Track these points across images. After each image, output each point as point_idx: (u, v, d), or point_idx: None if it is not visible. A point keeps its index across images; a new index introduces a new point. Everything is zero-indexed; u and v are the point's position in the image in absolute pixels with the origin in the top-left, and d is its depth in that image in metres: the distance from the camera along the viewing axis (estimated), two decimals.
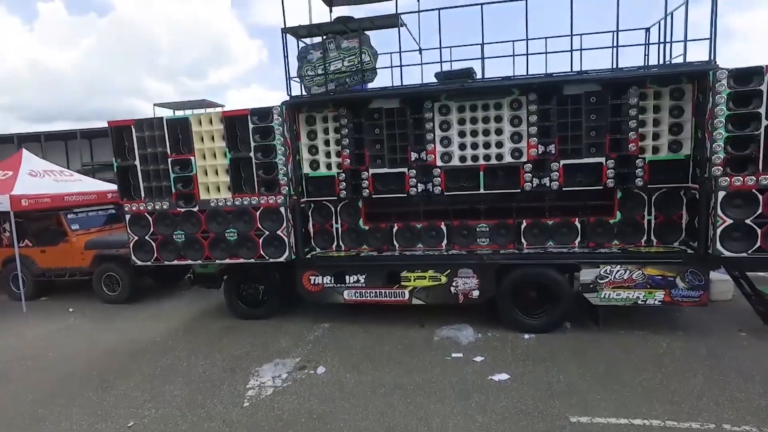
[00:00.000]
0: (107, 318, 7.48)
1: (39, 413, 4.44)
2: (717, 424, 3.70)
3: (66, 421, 4.27)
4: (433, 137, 6.12)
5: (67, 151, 72.14)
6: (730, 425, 3.68)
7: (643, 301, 5.56)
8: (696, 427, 3.68)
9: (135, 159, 6.31)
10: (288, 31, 6.23)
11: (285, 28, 6.20)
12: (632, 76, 5.59)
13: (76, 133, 65.72)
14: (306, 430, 3.93)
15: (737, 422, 3.72)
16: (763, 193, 4.81)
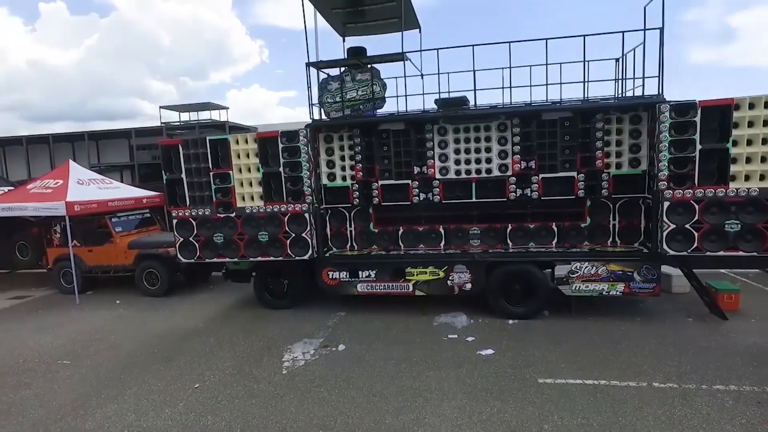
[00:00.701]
0: (151, 308, 8.64)
1: (121, 378, 5.61)
2: (648, 383, 4.84)
3: (145, 384, 5.43)
4: (432, 154, 7.27)
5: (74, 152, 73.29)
6: (658, 383, 4.82)
7: (607, 292, 6.70)
8: (633, 385, 4.83)
9: (181, 172, 7.47)
10: (311, 64, 7.38)
11: (309, 62, 7.35)
12: (598, 106, 6.74)
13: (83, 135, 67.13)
14: (335, 388, 5.07)
15: (664, 381, 4.86)
16: (698, 203, 5.94)
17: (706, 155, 5.91)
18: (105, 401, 5.04)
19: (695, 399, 4.50)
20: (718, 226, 5.92)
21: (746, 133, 5.72)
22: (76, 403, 5.02)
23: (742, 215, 5.83)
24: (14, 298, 9.85)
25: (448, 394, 4.83)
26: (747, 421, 4.09)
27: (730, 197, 5.84)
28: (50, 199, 9.19)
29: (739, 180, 5.80)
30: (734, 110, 5.74)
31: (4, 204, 9.31)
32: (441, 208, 7.46)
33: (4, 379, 5.75)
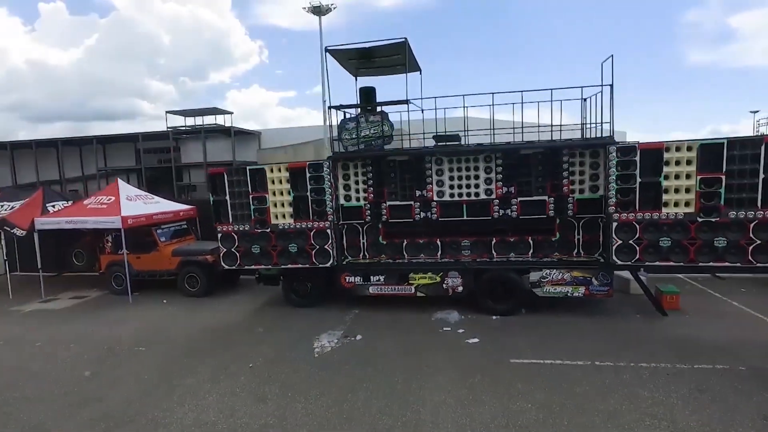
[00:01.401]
0: (194, 307, 10.27)
1: (190, 360, 7.24)
2: (591, 362, 6.47)
3: (211, 364, 7.05)
4: (431, 181, 8.92)
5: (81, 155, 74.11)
6: (599, 362, 6.45)
7: (571, 294, 8.34)
8: (580, 364, 6.45)
9: (226, 195, 9.10)
10: (333, 107, 9.04)
11: (331, 106, 9.00)
12: (564, 145, 8.39)
13: (92, 139, 68.43)
14: (357, 366, 6.70)
15: (603, 361, 6.49)
16: (639, 224, 7.58)
17: (645, 186, 7.55)
18: (183, 375, 6.67)
19: (623, 373, 6.13)
20: (654, 242, 7.56)
21: (673, 170, 7.36)
22: (163, 377, 6.65)
23: (672, 234, 7.47)
24: (73, 297, 11.47)
25: (442, 370, 6.47)
26: (654, 387, 5.72)
27: (662, 219, 7.48)
28: (106, 214, 10.83)
29: (670, 206, 7.45)
30: (665, 152, 7.39)
31: (67, 218, 10.96)
32: (438, 225, 9.10)
33: (98, 362, 7.37)
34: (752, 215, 7.08)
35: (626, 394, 5.55)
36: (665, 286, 8.92)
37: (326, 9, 31.76)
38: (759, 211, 7.05)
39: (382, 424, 5.14)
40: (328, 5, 31.63)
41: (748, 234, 7.13)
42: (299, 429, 5.15)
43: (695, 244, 7.39)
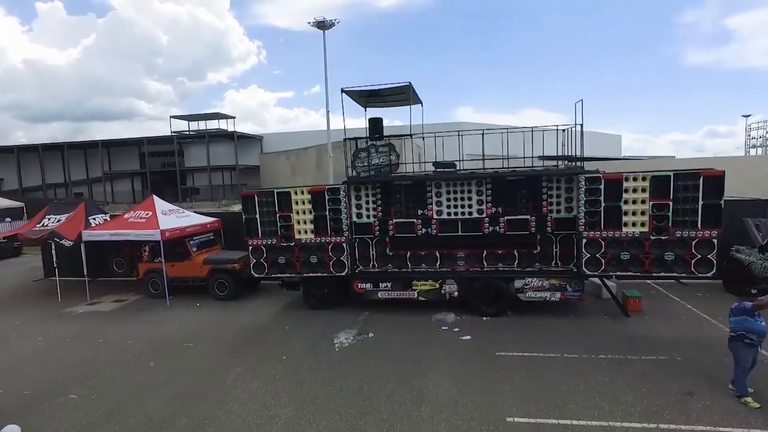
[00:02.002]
0: (224, 309, 11.81)
1: (233, 354, 8.78)
2: (561, 354, 8.03)
3: (250, 357, 8.57)
4: (431, 201, 10.47)
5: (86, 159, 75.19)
6: (567, 354, 8.01)
7: (549, 298, 9.90)
8: (551, 355, 8.01)
9: (256, 214, 10.64)
10: (349, 138, 10.59)
11: (346, 138, 10.55)
12: (543, 173, 9.97)
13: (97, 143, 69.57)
14: (371, 358, 8.24)
15: (570, 353, 8.05)
16: (604, 240, 9.15)
17: (608, 209, 9.12)
18: (230, 366, 8.21)
19: (584, 362, 7.70)
20: (617, 256, 9.13)
21: (631, 196, 8.94)
22: (213, 368, 8.19)
23: (630, 249, 9.04)
24: (116, 301, 12.99)
25: (441, 361, 8.02)
26: (606, 372, 7.28)
27: (623, 237, 9.05)
28: (146, 227, 12.36)
29: (628, 226, 9.02)
30: (624, 181, 8.96)
31: (112, 230, 12.50)
32: (437, 239, 10.65)
33: (156, 354, 8.90)
34: (694, 234, 8.66)
35: (584, 378, 7.12)
36: (630, 291, 10.50)
37: (330, 24, 33.27)
38: (699, 231, 8.62)
39: (396, 400, 6.70)
40: (332, 21, 33.15)
41: (691, 250, 8.70)
42: (331, 404, 6.70)
43: (649, 258, 8.96)
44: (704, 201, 8.57)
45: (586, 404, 6.37)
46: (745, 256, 10.80)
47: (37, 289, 15.10)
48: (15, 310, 12.48)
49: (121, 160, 72.30)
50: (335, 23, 33.17)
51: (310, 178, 57.03)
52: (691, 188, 8.63)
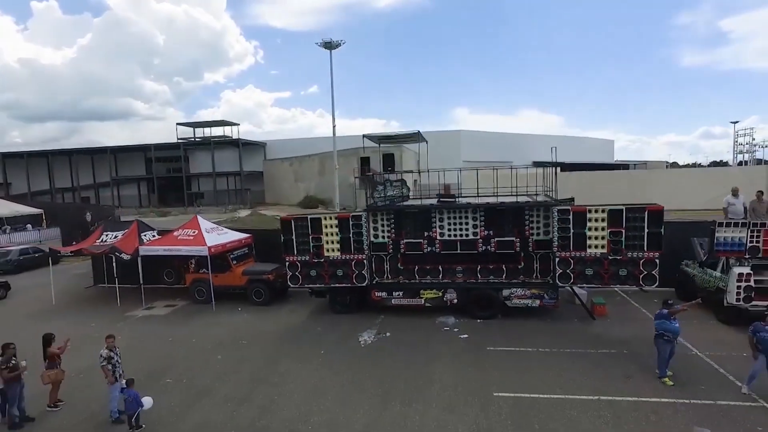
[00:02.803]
0: (262, 313, 14.14)
1: (282, 349, 11.13)
2: (537, 349, 10.43)
3: (294, 352, 10.92)
4: (435, 225, 12.85)
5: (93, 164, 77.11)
6: (542, 349, 10.41)
7: (530, 305, 12.31)
8: (530, 350, 10.40)
9: (292, 235, 12.98)
10: (368, 176, 12.97)
11: (368, 174, 12.93)
12: (525, 205, 12.39)
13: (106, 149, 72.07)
14: (391, 353, 10.60)
15: (545, 348, 10.45)
16: (572, 259, 11.55)
17: (576, 235, 11.53)
18: (280, 359, 10.55)
19: (554, 355, 10.09)
20: (582, 271, 11.54)
21: (593, 225, 11.35)
22: (267, 360, 10.53)
23: (593, 266, 11.45)
24: (167, 306, 15.30)
25: (442, 355, 10.40)
26: (568, 362, 9.67)
27: (587, 257, 11.46)
28: (194, 244, 14.69)
29: (591, 248, 11.43)
30: (587, 213, 11.38)
31: (165, 246, 14.83)
32: (440, 256, 13.02)
33: (220, 350, 11.24)
34: (641, 255, 11.08)
35: (551, 366, 9.53)
36: (597, 298, 12.92)
37: (336, 44, 35.62)
38: (645, 253, 11.04)
39: (411, 383, 9.07)
40: (338, 41, 35.50)
41: (639, 267, 11.12)
42: (364, 386, 9.06)
43: (608, 273, 11.38)
44: (649, 230, 10.99)
45: (552, 384, 8.77)
46: (691, 269, 13.25)
47: (92, 295, 17.41)
48: (84, 314, 14.76)
49: (127, 165, 74.43)
50: (341, 43, 35.50)
51: (313, 185, 59.57)
52: (639, 219, 11.05)
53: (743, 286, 10.86)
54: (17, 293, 18.03)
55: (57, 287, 16.97)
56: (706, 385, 8.51)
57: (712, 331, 11.07)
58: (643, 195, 39.10)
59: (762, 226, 11.12)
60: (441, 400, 8.39)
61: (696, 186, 39.72)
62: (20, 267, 22.25)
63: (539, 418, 7.62)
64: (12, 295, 17.86)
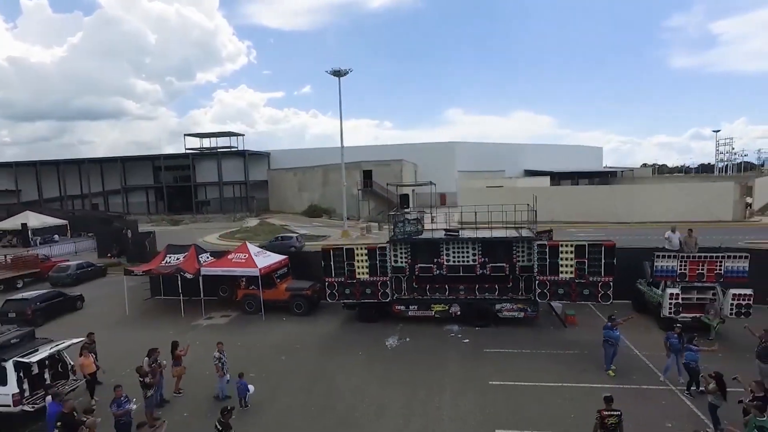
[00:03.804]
0: (303, 323, 17.62)
1: (325, 352, 14.65)
2: (521, 350, 14.05)
3: (337, 354, 14.43)
4: (443, 253, 16.45)
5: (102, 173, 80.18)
6: (526, 350, 14.03)
7: (517, 316, 15.95)
8: (515, 351, 14.01)
9: (331, 261, 16.49)
10: (394, 215, 16.52)
11: (391, 213, 16.48)
12: (513, 239, 16.04)
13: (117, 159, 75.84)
14: (412, 354, 14.14)
15: (528, 349, 14.07)
16: (549, 281, 15.18)
17: (551, 263, 15.14)
18: (329, 359, 14.07)
19: (531, 355, 13.70)
20: (556, 290, 15.16)
21: (564, 255, 14.97)
22: (320, 360, 14.04)
23: (564, 287, 15.08)
24: (223, 316, 18.74)
25: (450, 355, 13.97)
26: (541, 360, 13.30)
27: (559, 280, 15.09)
28: (247, 266, 18.17)
29: (563, 273, 15.05)
30: (560, 247, 15.01)
31: (224, 267, 18.30)
32: (446, 277, 16.61)
33: (281, 352, 14.71)
34: (599, 279, 14.71)
35: (531, 362, 13.14)
36: (569, 310, 16.56)
37: (344, 72, 39.10)
38: (603, 278, 14.68)
39: (430, 375, 12.64)
40: (347, 69, 38.98)
41: (598, 288, 14.77)
42: (395, 378, 12.60)
43: (575, 292, 15.01)
44: (605, 260, 14.63)
45: (531, 375, 12.37)
46: (642, 287, 16.93)
47: (153, 306, 20.78)
48: (157, 323, 18.14)
49: (136, 173, 77.45)
50: (349, 72, 38.98)
51: (317, 194, 63.05)
52: (598, 252, 14.69)
53: (674, 303, 14.56)
54: (89, 304, 21.34)
55: (121, 299, 20.32)
56: (637, 375, 12.17)
57: (651, 335, 14.72)
58: (624, 207, 43.22)
59: (689, 257, 14.84)
60: (452, 387, 11.97)
61: (671, 199, 43.54)
62: (78, 280, 25.38)
63: (521, 399, 11.23)
64: (85, 306, 21.17)
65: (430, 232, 17.00)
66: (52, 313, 19.03)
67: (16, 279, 25.01)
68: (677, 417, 10.02)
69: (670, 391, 11.29)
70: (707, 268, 14.61)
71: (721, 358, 12.11)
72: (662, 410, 10.41)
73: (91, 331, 12.97)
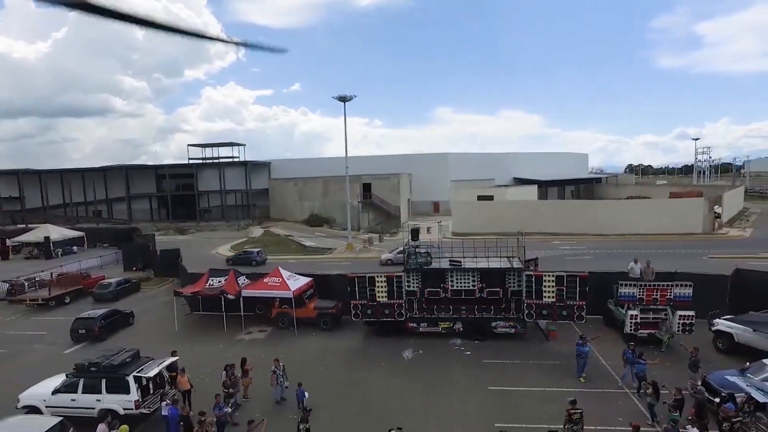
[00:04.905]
0: (330, 337, 20.96)
1: (353, 362, 18.05)
2: (511, 361, 17.58)
3: (363, 363, 17.85)
4: (448, 280, 19.95)
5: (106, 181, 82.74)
6: (510, 361, 17.57)
7: (509, 332, 19.51)
8: (506, 362, 17.52)
9: (356, 287, 19.87)
10: (408, 246, 19.96)
11: (406, 246, 19.92)
12: (506, 269, 19.61)
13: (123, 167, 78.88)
14: (423, 363, 17.62)
15: (513, 360, 17.62)
16: (534, 304, 18.73)
17: (536, 289, 18.69)
18: (357, 369, 17.46)
19: (524, 364, 17.24)
20: (540, 311, 18.74)
21: (547, 284, 18.53)
22: (350, 368, 17.45)
23: (547, 309, 18.66)
24: (260, 331, 22.00)
25: (453, 364, 17.47)
26: (523, 369, 16.85)
27: (543, 303, 18.66)
28: (281, 289, 21.49)
29: (546, 297, 18.62)
30: (544, 276, 18.57)
31: (260, 290, 21.61)
32: (451, 300, 20.09)
33: (318, 362, 18.06)
34: (575, 303, 18.30)
35: (520, 371, 16.69)
36: (551, 326, 20.14)
37: (350, 98, 42.39)
38: (578, 302, 18.27)
39: (440, 382, 16.11)
40: (351, 96, 42.26)
41: (574, 310, 18.36)
42: (414, 383, 16.06)
43: (555, 313, 18.59)
44: (579, 288, 18.23)
45: (520, 381, 15.90)
46: (611, 306, 20.58)
47: (194, 321, 23.97)
48: (204, 337, 21.36)
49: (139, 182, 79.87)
50: (354, 97, 42.30)
51: (317, 204, 66.39)
52: (573, 280, 18.28)
53: (634, 322, 18.22)
54: (137, 320, 24.45)
55: (159, 314, 23.45)
56: (602, 381, 15.78)
57: (616, 349, 18.34)
58: (605, 220, 47.13)
59: (646, 285, 18.51)
60: (458, 392, 15.45)
61: (647, 214, 47.59)
62: (118, 296, 28.41)
63: (514, 400, 14.74)
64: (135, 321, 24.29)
65: (438, 261, 20.47)
66: (112, 329, 22.14)
67: (64, 296, 27.95)
68: (627, 413, 13.58)
69: (624, 394, 14.90)
70: (660, 294, 18.30)
71: (668, 368, 15.82)
72: (617, 408, 14.01)
73: (174, 349, 16.21)
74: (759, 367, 13.80)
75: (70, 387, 13.60)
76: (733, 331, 17.34)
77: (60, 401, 13.51)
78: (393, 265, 32.91)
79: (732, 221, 52.87)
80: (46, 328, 23.63)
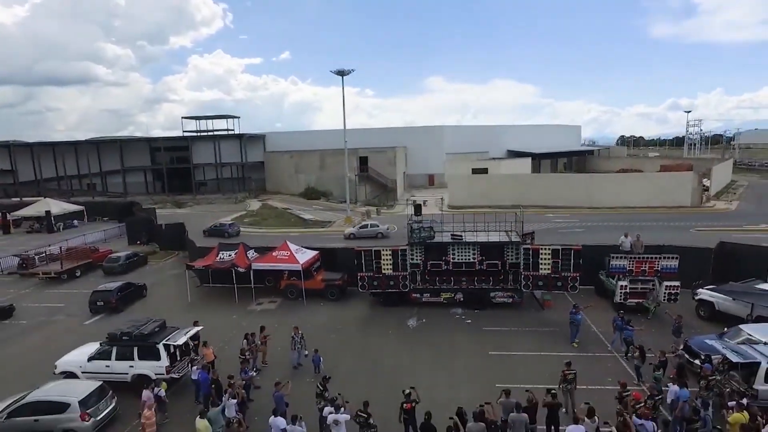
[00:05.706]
0: (338, 307, 22.10)
1: (363, 330, 19.26)
2: (510, 329, 18.90)
3: (372, 331, 19.07)
4: (449, 253, 21.04)
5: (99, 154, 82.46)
6: (511, 328, 18.87)
7: (507, 301, 20.78)
8: (504, 329, 18.83)
9: (362, 259, 20.87)
10: (413, 233, 20.94)
11: (410, 222, 20.90)
12: (504, 242, 20.71)
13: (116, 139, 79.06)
14: (428, 330, 18.87)
15: (514, 327, 18.92)
16: (531, 275, 19.92)
17: (534, 261, 19.84)
18: (366, 336, 18.67)
19: (521, 331, 18.56)
20: (537, 282, 19.96)
21: (544, 256, 19.67)
22: (360, 336, 18.66)
23: (543, 280, 19.88)
24: (270, 302, 23.08)
25: (455, 332, 18.73)
26: (521, 336, 18.17)
27: (539, 274, 19.85)
28: (290, 262, 22.47)
29: (542, 269, 19.80)
30: (540, 250, 19.70)
31: (270, 263, 22.58)
32: (452, 271, 21.21)
33: (329, 331, 19.24)
34: (569, 274, 19.52)
35: (512, 336, 18.01)
36: (546, 295, 21.40)
37: (348, 72, 42.47)
38: (572, 273, 19.48)
39: (444, 346, 17.38)
40: (350, 69, 42.34)
41: (568, 281, 19.60)
42: (419, 348, 17.31)
43: (551, 284, 19.83)
44: (573, 260, 19.41)
45: (518, 346, 17.20)
46: (603, 277, 21.86)
47: (206, 292, 24.97)
48: (217, 308, 22.40)
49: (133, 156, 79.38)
50: (352, 71, 42.39)
51: (313, 177, 66.86)
52: (568, 253, 19.44)
53: (623, 292, 19.52)
54: (150, 292, 25.39)
55: (172, 287, 24.40)
56: (593, 345, 17.14)
57: (607, 316, 19.67)
58: (598, 193, 48.36)
59: (635, 258, 19.74)
60: (462, 355, 16.74)
61: (638, 187, 48.86)
62: (126, 269, 29.23)
63: (512, 364, 16.05)
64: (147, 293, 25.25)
65: (440, 235, 21.49)
66: (127, 301, 23.10)
67: (75, 269, 28.74)
68: (615, 374, 14.91)
69: (613, 357, 16.28)
70: (648, 266, 19.56)
71: (653, 333, 17.22)
72: (606, 370, 15.39)
73: (195, 320, 17.23)
74: (735, 332, 15.15)
75: (104, 354, 14.63)
76: (715, 299, 18.73)
77: (95, 367, 14.55)
78: (356, 239, 35.92)
79: (719, 194, 54.41)
80: (62, 300, 24.51)
